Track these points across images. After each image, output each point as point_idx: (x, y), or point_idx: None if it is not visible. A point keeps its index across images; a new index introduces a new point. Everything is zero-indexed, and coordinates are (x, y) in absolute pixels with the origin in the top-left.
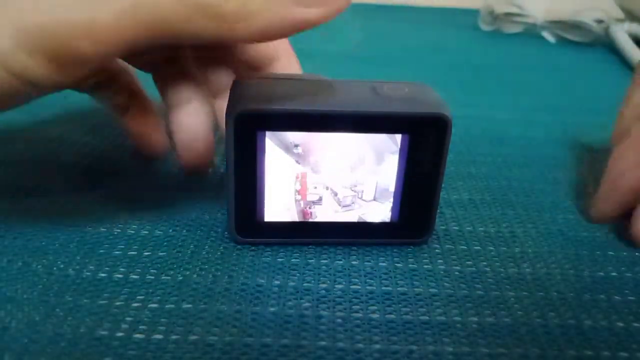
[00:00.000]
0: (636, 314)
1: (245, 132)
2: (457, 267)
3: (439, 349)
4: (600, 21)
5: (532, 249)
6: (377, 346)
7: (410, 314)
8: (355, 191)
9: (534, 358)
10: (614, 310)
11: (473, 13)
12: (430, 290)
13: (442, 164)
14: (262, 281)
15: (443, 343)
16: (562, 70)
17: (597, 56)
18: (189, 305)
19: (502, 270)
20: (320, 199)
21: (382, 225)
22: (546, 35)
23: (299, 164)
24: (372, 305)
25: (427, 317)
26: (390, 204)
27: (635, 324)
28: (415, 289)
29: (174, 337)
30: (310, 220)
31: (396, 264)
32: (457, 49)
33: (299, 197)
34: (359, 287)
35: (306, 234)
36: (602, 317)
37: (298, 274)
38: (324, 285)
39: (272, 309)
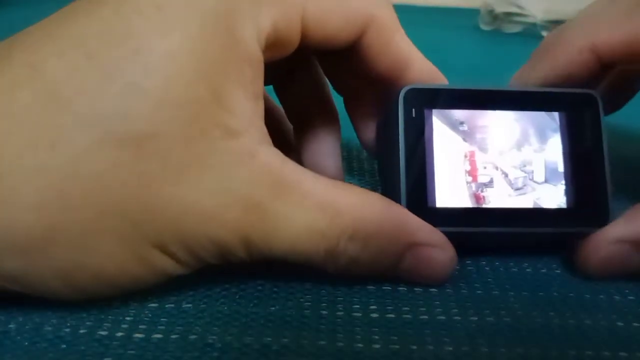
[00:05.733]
0: (636, 314)
1: (413, 109)
2: (457, 267)
3: (439, 349)
4: None
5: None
6: (377, 346)
7: (410, 313)
8: (525, 172)
9: (535, 358)
10: (614, 310)
11: (473, 13)
12: (430, 290)
13: (602, 143)
14: (262, 281)
15: (443, 343)
16: None
17: None
18: (189, 305)
19: (502, 270)
20: (492, 180)
21: (558, 211)
22: (546, 35)
23: (466, 141)
24: (372, 305)
25: (427, 317)
26: (563, 187)
27: (635, 324)
28: (415, 289)
29: (173, 337)
30: (484, 205)
31: None
32: (457, 49)
33: (469, 178)
34: (359, 286)
35: (480, 221)
36: (602, 317)
37: (298, 274)
38: (324, 285)
39: (272, 309)
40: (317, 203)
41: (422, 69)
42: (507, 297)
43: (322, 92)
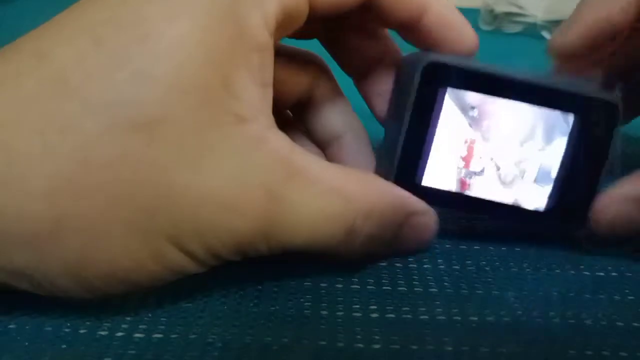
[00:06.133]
0: (636, 314)
1: (428, 85)
2: (457, 267)
3: (439, 349)
4: None
5: (534, 249)
6: (377, 346)
7: (410, 313)
8: (518, 168)
9: (535, 357)
10: (614, 310)
11: (473, 13)
12: (431, 290)
13: (608, 153)
14: (262, 280)
15: (443, 343)
16: None
17: None
18: (189, 305)
19: (502, 269)
20: (482, 170)
21: (533, 213)
22: (546, 35)
23: (471, 127)
24: (372, 305)
25: (427, 317)
26: (549, 190)
27: (635, 324)
28: (416, 289)
29: (174, 336)
30: (466, 192)
31: (395, 264)
32: None
33: (462, 164)
34: (359, 286)
35: (461, 206)
36: (602, 317)
37: (298, 274)
38: (324, 285)
39: (272, 308)
40: (328, 187)
41: (440, 11)
42: (507, 296)
43: (328, 75)
